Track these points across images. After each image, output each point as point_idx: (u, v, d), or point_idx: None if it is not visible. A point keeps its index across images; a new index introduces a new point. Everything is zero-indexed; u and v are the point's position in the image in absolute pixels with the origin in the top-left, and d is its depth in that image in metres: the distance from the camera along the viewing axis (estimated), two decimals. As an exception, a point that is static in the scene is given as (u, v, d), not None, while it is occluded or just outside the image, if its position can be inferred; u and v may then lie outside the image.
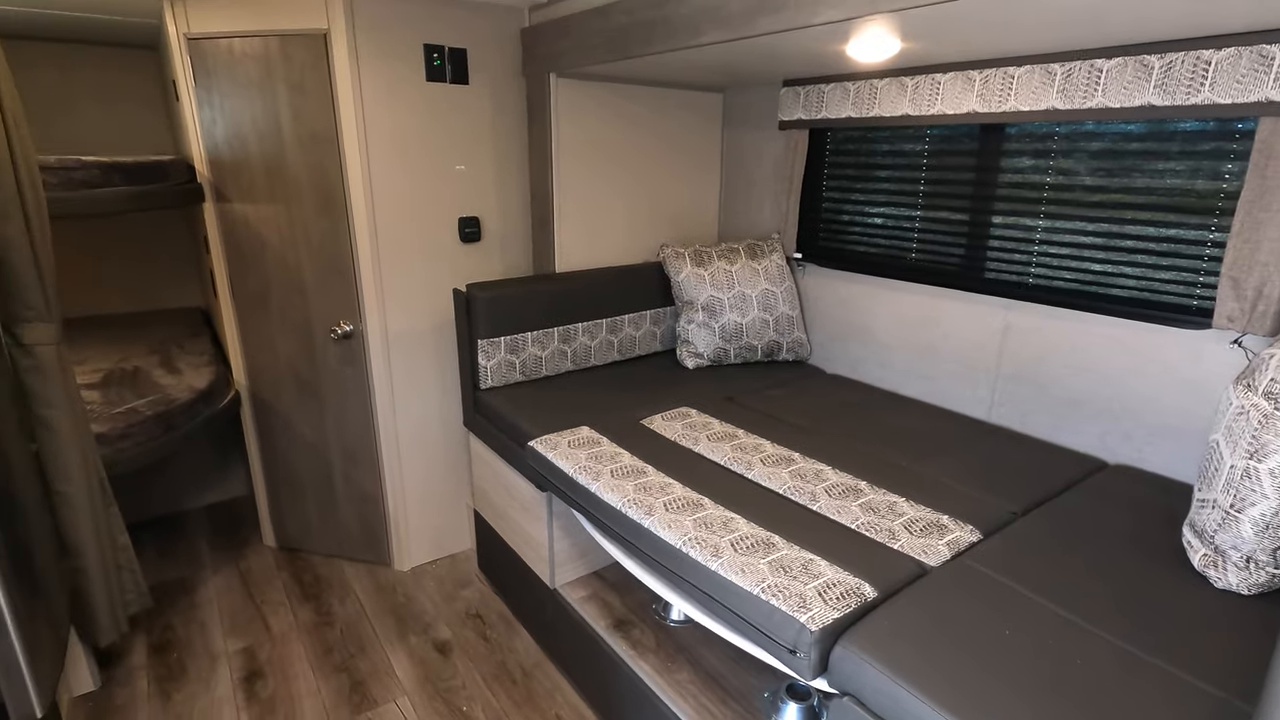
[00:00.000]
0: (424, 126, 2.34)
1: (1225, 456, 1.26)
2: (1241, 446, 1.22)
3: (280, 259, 2.44)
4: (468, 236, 2.52)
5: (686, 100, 2.71)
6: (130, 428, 2.15)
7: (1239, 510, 1.23)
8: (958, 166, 2.05)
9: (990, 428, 2.02)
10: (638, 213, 2.73)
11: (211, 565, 2.76)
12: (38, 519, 1.77)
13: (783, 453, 1.79)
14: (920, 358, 2.25)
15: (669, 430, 1.95)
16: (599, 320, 2.51)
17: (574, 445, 1.82)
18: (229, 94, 2.29)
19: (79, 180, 1.94)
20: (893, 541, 1.40)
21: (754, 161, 2.73)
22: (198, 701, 2.07)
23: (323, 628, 2.39)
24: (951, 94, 1.92)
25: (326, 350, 2.49)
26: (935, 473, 1.72)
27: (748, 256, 2.52)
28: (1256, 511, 1.21)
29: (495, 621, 2.43)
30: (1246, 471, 1.21)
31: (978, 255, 2.06)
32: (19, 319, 1.79)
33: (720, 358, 2.53)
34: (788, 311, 2.53)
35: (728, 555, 1.31)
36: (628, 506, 1.52)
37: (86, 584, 1.95)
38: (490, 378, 2.30)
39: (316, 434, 2.63)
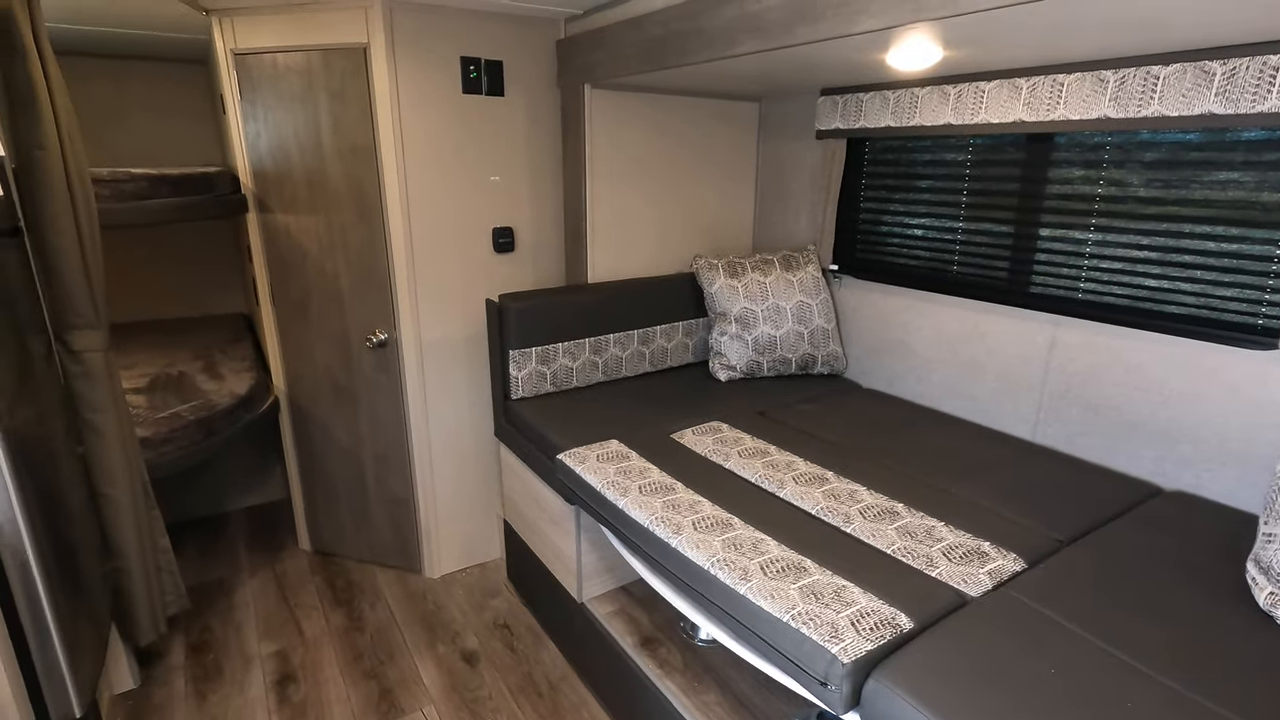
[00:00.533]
0: (459, 138, 2.36)
1: (1294, 489, 1.18)
2: (1313, 479, 1.13)
3: (319, 268, 2.48)
4: (501, 247, 2.53)
5: (722, 110, 2.69)
6: (173, 432, 2.21)
7: (1310, 547, 1.15)
8: (1002, 177, 1.98)
9: (1035, 448, 1.94)
10: (671, 224, 2.71)
11: (249, 567, 2.82)
12: (83, 521, 1.82)
13: (816, 471, 1.74)
14: (962, 374, 2.17)
15: (699, 445, 1.92)
16: (630, 331, 2.49)
17: (603, 459, 1.80)
18: (273, 107, 2.34)
19: (129, 192, 2.01)
20: (930, 569, 1.34)
21: (790, 172, 2.69)
22: (231, 703, 2.10)
23: (353, 633, 2.42)
24: (997, 102, 1.85)
25: (362, 358, 2.53)
26: (976, 495, 1.66)
27: (782, 268, 2.48)
28: (1330, 549, 1.13)
29: (523, 633, 2.42)
30: (1318, 506, 1.13)
31: (1023, 269, 1.98)
32: (69, 326, 1.85)
33: (753, 370, 2.49)
34: (823, 324, 2.48)
35: (757, 579, 1.28)
36: (655, 524, 1.49)
37: (128, 584, 2.00)
38: (521, 388, 2.30)
39: (351, 440, 2.67)
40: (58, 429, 1.76)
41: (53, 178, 1.74)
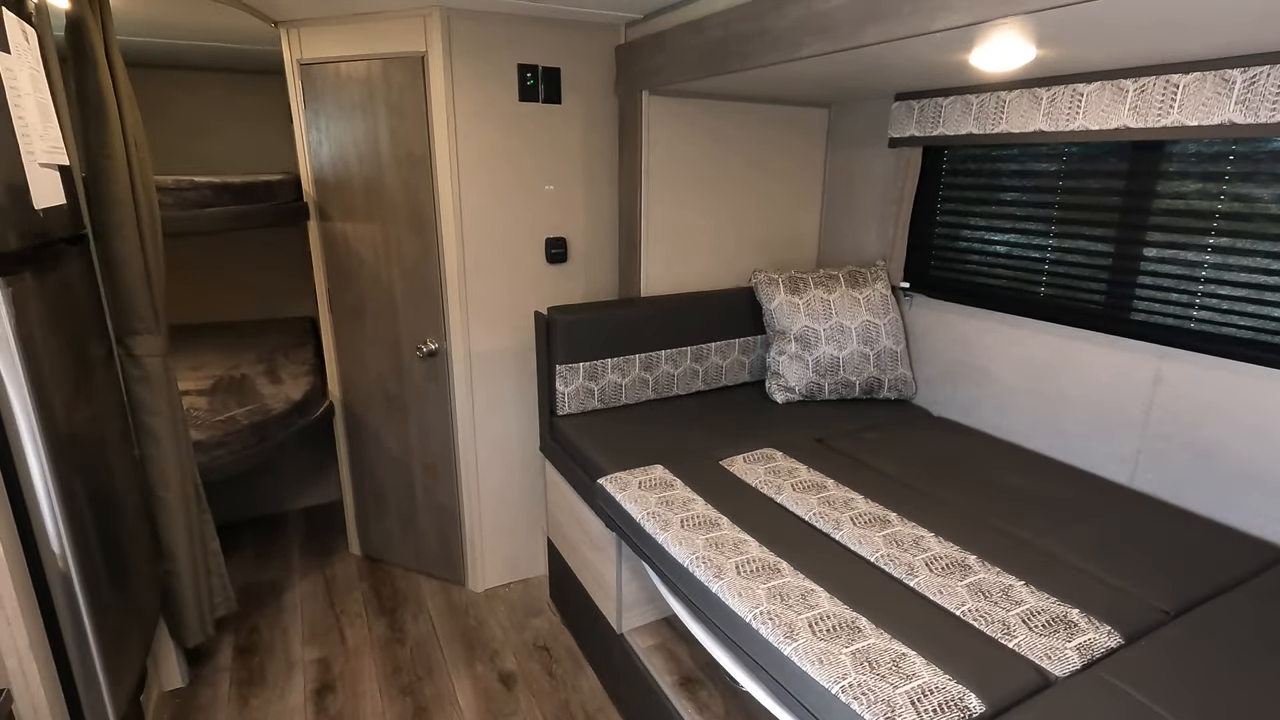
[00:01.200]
0: (514, 146, 2.31)
1: None
2: None
3: (374, 276, 2.49)
4: (554, 257, 2.47)
5: (788, 117, 2.55)
6: (227, 436, 2.24)
7: None
8: (1101, 190, 1.77)
9: (1133, 496, 1.72)
10: (731, 236, 2.59)
11: (301, 569, 2.85)
12: (136, 522, 1.85)
13: (877, 511, 1.58)
14: (1048, 406, 1.96)
15: (750, 474, 1.79)
16: (683, 348, 2.38)
17: (645, 487, 1.70)
18: (334, 116, 2.36)
19: (192, 200, 2.05)
20: (1007, 638, 1.17)
21: (860, 182, 2.52)
22: (271, 709, 2.10)
23: (394, 645, 2.39)
24: (1097, 107, 1.65)
25: (412, 367, 2.52)
26: (1062, 550, 1.46)
27: (848, 285, 2.32)
28: None
29: (563, 657, 2.34)
30: None
31: (1123, 293, 1.76)
32: (130, 331, 1.89)
33: (813, 393, 2.34)
34: (891, 346, 2.30)
35: (804, 638, 1.14)
36: (696, 565, 1.38)
37: (177, 587, 2.03)
38: (567, 404, 2.23)
39: (401, 448, 2.66)
40: (114, 431, 1.80)
41: (118, 186, 1.78)
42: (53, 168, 1.51)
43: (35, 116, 1.42)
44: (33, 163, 1.38)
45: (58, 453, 1.36)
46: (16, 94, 1.35)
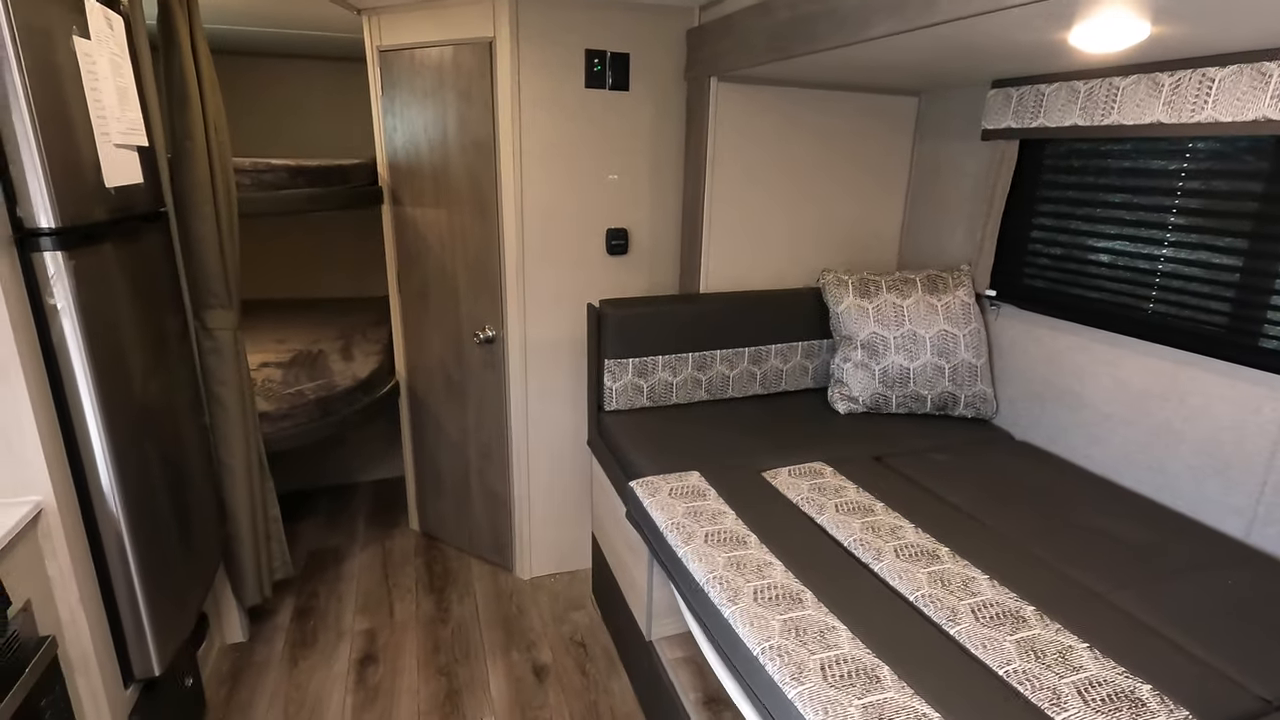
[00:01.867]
0: (579, 134, 2.27)
1: None
2: None
3: (439, 261, 2.52)
4: (615, 249, 2.42)
5: (873, 106, 2.37)
6: (294, 409, 2.34)
7: None
8: (1232, 193, 1.51)
9: (1248, 553, 1.47)
10: (803, 233, 2.44)
11: (363, 540, 2.97)
12: (202, 486, 1.96)
13: (926, 544, 1.43)
14: (1151, 440, 1.71)
15: (792, 489, 1.67)
16: (741, 349, 2.27)
17: (675, 494, 1.62)
18: (408, 103, 2.40)
19: (268, 182, 2.14)
20: (1055, 708, 1.01)
21: (949, 178, 2.30)
22: (317, 673, 2.19)
23: (438, 624, 2.44)
24: (1232, 95, 1.41)
25: (472, 352, 2.54)
26: (1145, 610, 1.26)
27: (925, 290, 2.12)
28: None
29: (598, 655, 2.30)
30: None
31: (1252, 315, 1.50)
32: (205, 305, 1.99)
33: (879, 405, 2.17)
34: (970, 359, 2.09)
35: (813, 682, 1.03)
36: (711, 584, 1.29)
37: (238, 549, 2.15)
38: (615, 400, 2.18)
39: (459, 432, 2.70)
40: (185, 398, 1.90)
41: (198, 167, 1.88)
42: (130, 148, 1.59)
43: (113, 100, 1.50)
44: (107, 143, 1.47)
45: (116, 415, 1.44)
46: (94, 78, 1.43)
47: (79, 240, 1.36)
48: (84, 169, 1.38)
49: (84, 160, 1.38)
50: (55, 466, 1.33)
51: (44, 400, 1.32)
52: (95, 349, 1.38)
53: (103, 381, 1.40)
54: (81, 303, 1.34)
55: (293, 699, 2.09)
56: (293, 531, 3.04)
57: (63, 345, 1.34)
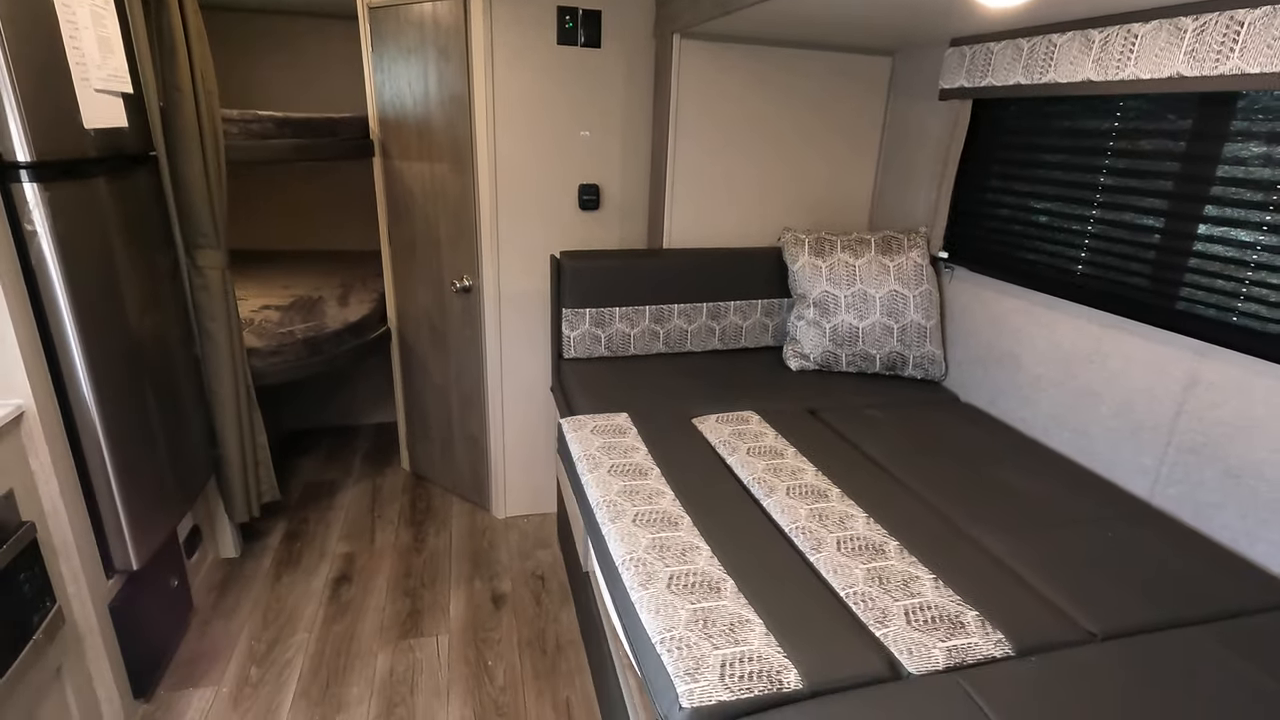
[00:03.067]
0: (551, 91, 2.34)
1: None
2: None
3: (424, 213, 2.65)
4: (586, 204, 2.49)
5: (846, 65, 2.36)
6: (282, 346, 2.52)
7: None
8: (1156, 153, 1.50)
9: (1148, 511, 1.49)
10: (772, 193, 2.47)
11: (357, 476, 3.17)
12: (194, 411, 2.15)
13: (821, 485, 1.50)
14: (1075, 402, 1.73)
15: (714, 433, 1.75)
16: (699, 304, 2.33)
17: (597, 431, 1.72)
18: (395, 59, 2.51)
19: (255, 131, 2.28)
20: (879, 626, 1.09)
21: (916, 140, 2.30)
22: (296, 589, 2.40)
23: (412, 553, 2.62)
24: (1150, 51, 1.39)
25: (452, 301, 2.67)
26: (1014, 555, 1.31)
27: (879, 251, 2.15)
28: None
29: (554, 589, 2.45)
30: None
31: (1170, 277, 1.50)
32: (195, 245, 2.16)
33: (829, 363, 2.21)
34: (920, 320, 2.11)
35: (656, 589, 1.13)
36: (600, 506, 1.39)
37: (227, 470, 2.35)
38: (573, 348, 2.28)
39: (442, 378, 2.85)
40: (177, 329, 2.09)
41: (185, 115, 2.03)
42: (114, 94, 1.75)
43: (93, 48, 1.65)
44: (87, 88, 1.62)
45: (95, 332, 1.61)
46: (74, 27, 1.57)
47: (57, 174, 1.52)
48: (61, 110, 1.53)
49: (61, 102, 1.53)
50: (35, 373, 1.51)
51: (24, 313, 1.49)
52: (72, 272, 1.55)
53: (80, 301, 1.57)
54: (58, 230, 1.51)
55: (272, 608, 2.30)
56: (294, 465, 3.27)
57: (41, 267, 1.51)
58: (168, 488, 1.95)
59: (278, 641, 2.15)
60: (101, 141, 1.68)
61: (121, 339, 1.74)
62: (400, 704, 1.93)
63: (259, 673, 2.03)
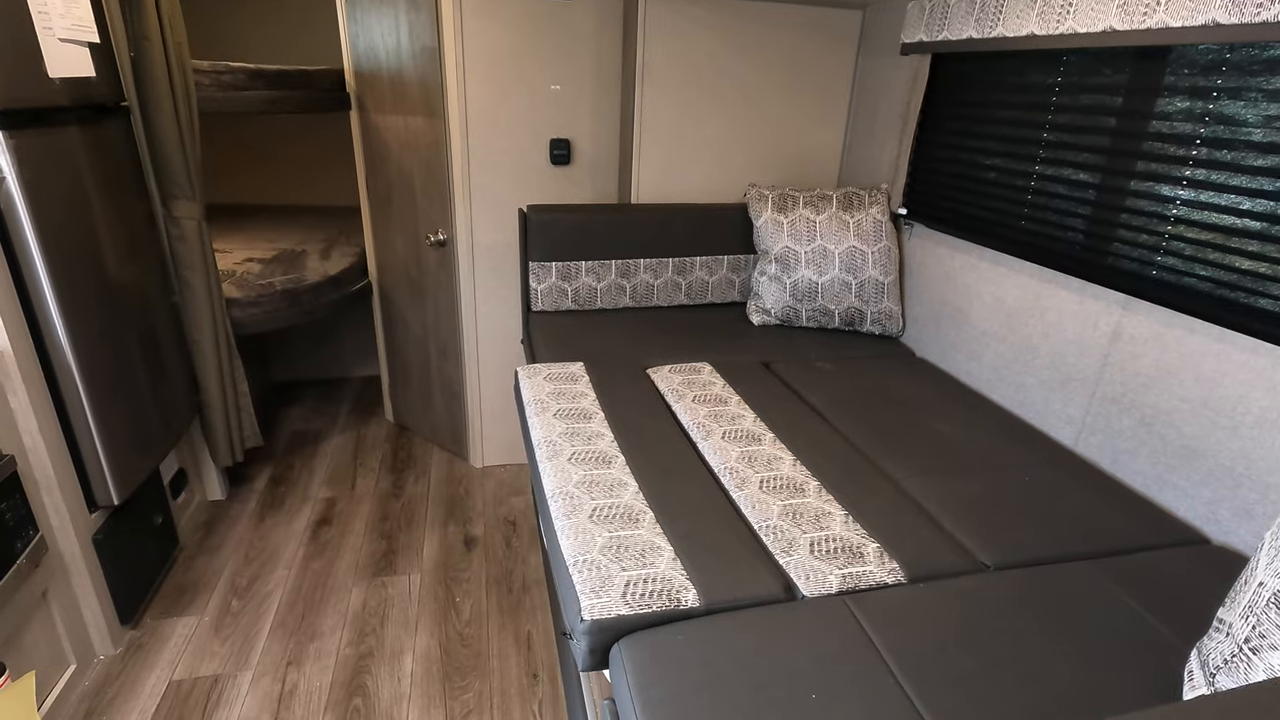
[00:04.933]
0: (521, 43, 2.35)
1: (1259, 568, 0.83)
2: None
3: (399, 166, 2.68)
4: (558, 159, 2.52)
5: (816, 18, 2.35)
6: (261, 297, 2.59)
7: (1255, 650, 0.81)
8: (1093, 108, 1.52)
9: (1070, 459, 1.55)
10: (741, 149, 2.49)
11: (342, 426, 3.27)
12: (173, 357, 2.24)
13: (757, 430, 1.57)
14: (1015, 356, 1.78)
15: (664, 382, 1.81)
16: (665, 259, 2.38)
17: (550, 378, 1.79)
18: (368, 9, 2.51)
19: (227, 83, 2.31)
20: (784, 555, 1.17)
21: (882, 95, 2.30)
22: (278, 530, 2.51)
23: (390, 499, 2.73)
24: (1088, 4, 1.40)
25: (427, 254, 2.72)
26: (927, 496, 1.38)
27: (840, 207, 2.17)
28: (1278, 658, 0.79)
29: (524, 533, 2.55)
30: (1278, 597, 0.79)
31: (1103, 232, 1.53)
32: (170, 195, 2.22)
33: (790, 318, 2.26)
34: (877, 276, 2.15)
35: (578, 519, 1.21)
36: (540, 445, 1.47)
37: (210, 415, 2.44)
38: (541, 301, 2.33)
39: (421, 329, 2.92)
40: (153, 279, 2.16)
41: (155, 65, 2.06)
42: (80, 44, 1.78)
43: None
44: (50, 37, 1.65)
45: (67, 276, 1.68)
46: (35, -25, 1.60)
47: (21, 122, 1.56)
48: (23, 59, 1.57)
49: (23, 51, 1.57)
50: (9, 315, 1.59)
51: (-4, 259, 1.56)
52: (42, 218, 1.61)
53: (50, 245, 1.63)
54: (25, 176, 1.56)
55: (254, 547, 2.42)
56: (281, 415, 3.37)
57: (10, 212, 1.57)
58: (149, 429, 2.05)
59: (259, 577, 2.27)
60: (69, 91, 1.73)
61: (96, 284, 1.81)
62: (370, 634, 2.05)
63: (240, 604, 2.15)
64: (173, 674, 1.89)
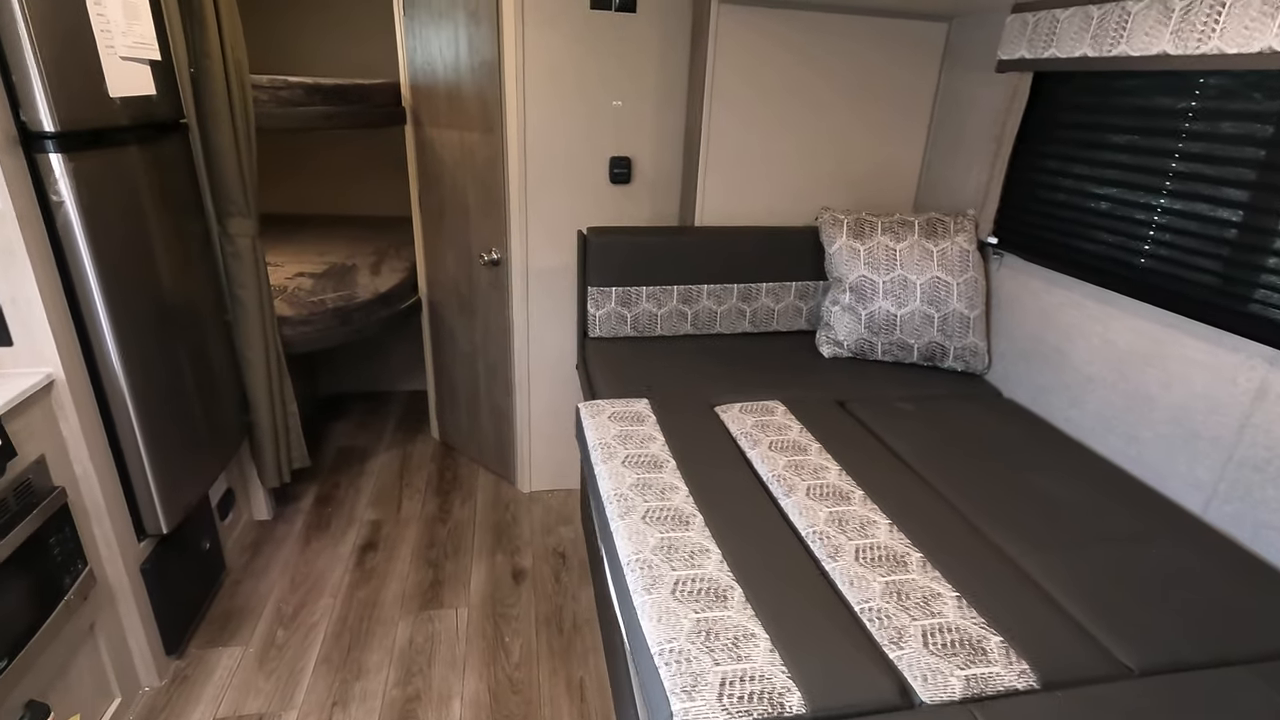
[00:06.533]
0: (583, 57, 2.25)
1: None
2: None
3: (453, 182, 2.61)
4: (617, 177, 2.42)
5: (897, 32, 2.21)
6: (313, 315, 2.54)
7: None
8: (1238, 137, 1.35)
9: (1202, 529, 1.39)
10: (811, 169, 2.35)
11: (388, 443, 3.22)
12: (225, 376, 2.19)
13: (844, 486, 1.43)
14: (1127, 406, 1.61)
15: (736, 424, 1.69)
16: (730, 285, 2.25)
17: (615, 418, 1.68)
18: (426, 23, 2.45)
19: (285, 98, 2.26)
20: (894, 647, 1.04)
21: (970, 114, 2.14)
22: (324, 554, 2.45)
23: (436, 523, 2.65)
24: (1239, 23, 1.24)
25: (480, 272, 2.64)
26: (1047, 572, 1.23)
27: (923, 235, 2.02)
28: None
29: (574, 566, 2.45)
30: None
31: (1245, 276, 1.36)
32: (226, 213, 2.17)
33: (864, 351, 2.12)
34: (962, 310, 2.00)
35: (660, 594, 1.10)
36: (611, 499, 1.36)
37: (259, 435, 2.40)
38: (599, 327, 2.23)
39: (470, 348, 2.84)
40: (207, 297, 2.11)
41: (214, 82, 2.02)
42: (141, 62, 1.73)
43: (119, 14, 1.63)
44: (112, 55, 1.60)
45: (122, 300, 1.63)
46: (98, -8, 1.55)
47: (82, 143, 1.51)
48: (86, 79, 1.52)
49: (86, 70, 1.52)
50: (63, 343, 1.54)
51: (52, 284, 1.51)
52: (99, 243, 1.56)
53: (106, 269, 1.58)
54: (83, 200, 1.51)
55: (300, 571, 2.36)
56: (328, 429, 3.33)
57: (68, 237, 1.52)
58: (199, 454, 1.99)
59: (304, 605, 2.21)
60: (129, 110, 1.68)
61: (151, 307, 1.76)
62: (418, 674, 1.97)
63: (285, 635, 2.09)
64: (217, 710, 1.83)
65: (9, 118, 1.40)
